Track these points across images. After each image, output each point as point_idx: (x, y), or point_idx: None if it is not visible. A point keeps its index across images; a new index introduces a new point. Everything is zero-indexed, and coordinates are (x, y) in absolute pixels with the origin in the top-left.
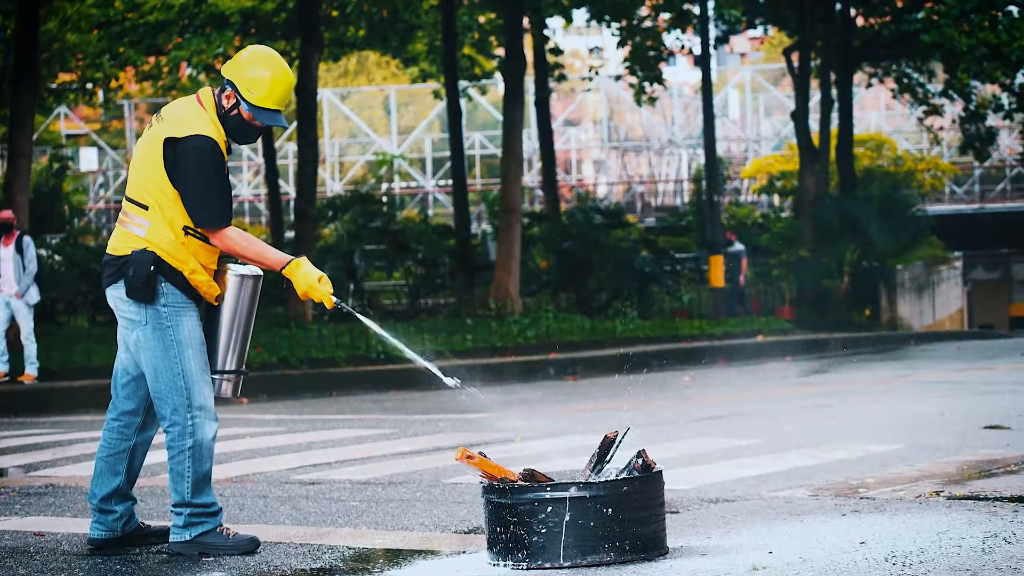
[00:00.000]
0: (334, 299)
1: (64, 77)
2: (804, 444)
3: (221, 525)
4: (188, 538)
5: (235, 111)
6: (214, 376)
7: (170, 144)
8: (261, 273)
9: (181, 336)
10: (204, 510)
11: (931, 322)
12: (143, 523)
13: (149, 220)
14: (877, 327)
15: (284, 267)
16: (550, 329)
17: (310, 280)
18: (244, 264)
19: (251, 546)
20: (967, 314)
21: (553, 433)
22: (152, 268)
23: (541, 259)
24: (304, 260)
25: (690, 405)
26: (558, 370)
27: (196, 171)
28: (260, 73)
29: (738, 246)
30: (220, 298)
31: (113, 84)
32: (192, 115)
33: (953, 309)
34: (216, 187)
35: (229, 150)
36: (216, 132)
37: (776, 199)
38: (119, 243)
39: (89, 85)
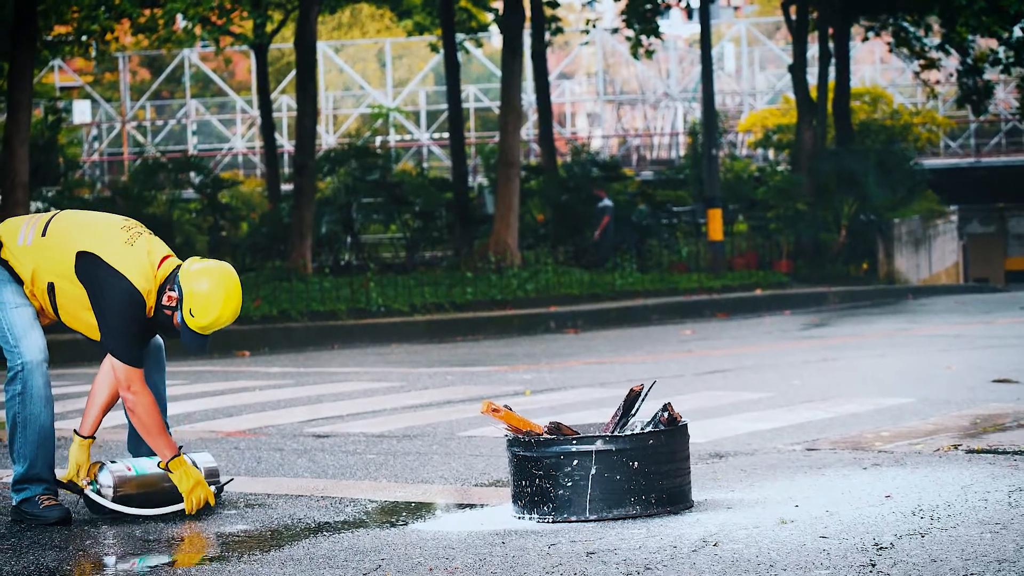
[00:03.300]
0: (212, 488)
1: (59, 29)
2: (814, 398)
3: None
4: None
5: (169, 311)
6: None
7: (95, 261)
8: None
9: (3, 298)
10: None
11: (927, 276)
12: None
13: (30, 243)
14: (875, 281)
15: (170, 460)
16: (549, 282)
17: (198, 475)
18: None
19: (58, 519)
20: (963, 268)
21: (561, 386)
22: None
23: (538, 212)
24: (186, 457)
25: (695, 359)
26: (559, 323)
27: (121, 310)
28: (211, 304)
29: (606, 202)
30: None
31: (108, 37)
32: (141, 267)
33: (949, 263)
34: (135, 334)
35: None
36: (148, 297)
37: (772, 153)
38: (6, 223)
39: (84, 38)
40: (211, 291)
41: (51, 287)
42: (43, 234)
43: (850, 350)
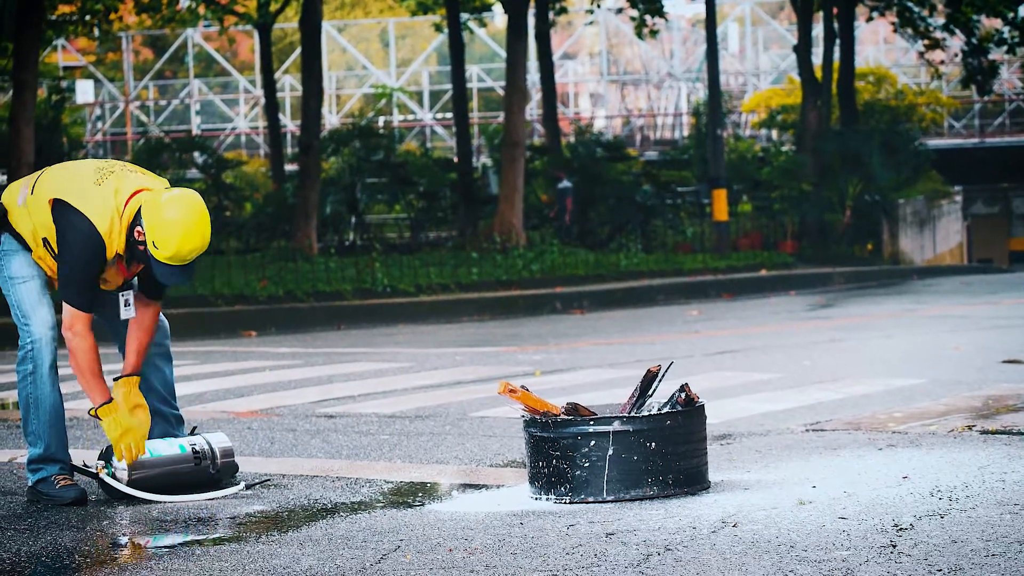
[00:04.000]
0: (242, 484)
1: (63, 9)
2: (825, 378)
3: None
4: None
5: (142, 248)
6: None
7: (64, 206)
8: None
9: (12, 272)
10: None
11: (931, 256)
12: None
13: (24, 202)
14: (879, 261)
15: (99, 406)
16: (555, 263)
17: (128, 423)
18: None
19: (74, 499)
20: (967, 248)
21: (571, 367)
22: None
23: (542, 193)
24: (120, 404)
25: (703, 339)
26: (565, 304)
27: (79, 251)
28: (173, 233)
29: (565, 183)
30: None
31: (112, 16)
32: (104, 207)
33: (953, 243)
34: (87, 277)
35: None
36: (110, 238)
37: (776, 133)
38: (5, 191)
39: (88, 17)
40: (172, 219)
41: (46, 242)
42: (31, 192)
43: (858, 331)
